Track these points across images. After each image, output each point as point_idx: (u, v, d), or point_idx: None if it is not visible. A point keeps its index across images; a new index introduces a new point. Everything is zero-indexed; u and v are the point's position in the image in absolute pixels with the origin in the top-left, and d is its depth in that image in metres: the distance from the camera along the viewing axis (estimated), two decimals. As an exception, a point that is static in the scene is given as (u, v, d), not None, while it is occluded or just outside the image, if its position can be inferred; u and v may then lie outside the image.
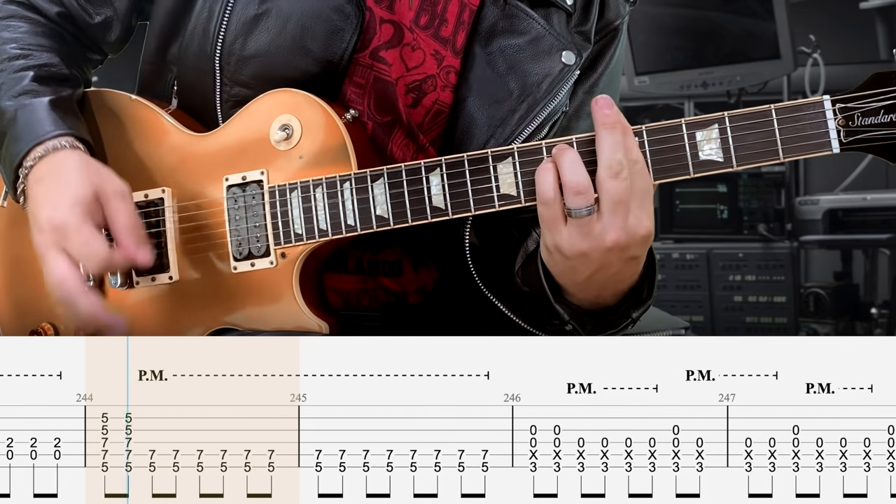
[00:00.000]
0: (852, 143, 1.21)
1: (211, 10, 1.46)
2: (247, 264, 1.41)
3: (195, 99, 1.50)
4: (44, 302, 1.52)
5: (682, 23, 4.21)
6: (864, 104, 1.20)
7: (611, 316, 1.36)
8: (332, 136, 1.39)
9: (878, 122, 1.20)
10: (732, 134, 1.24)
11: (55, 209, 1.35)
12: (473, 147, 1.44)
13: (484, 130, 1.45)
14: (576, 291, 1.33)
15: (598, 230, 1.23)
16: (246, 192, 1.42)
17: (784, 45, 3.94)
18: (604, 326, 1.37)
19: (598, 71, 1.57)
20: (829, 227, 3.88)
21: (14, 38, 1.52)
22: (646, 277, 1.34)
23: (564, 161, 1.23)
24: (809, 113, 1.22)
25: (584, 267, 1.27)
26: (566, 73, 1.48)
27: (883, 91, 1.20)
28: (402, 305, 1.55)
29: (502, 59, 1.48)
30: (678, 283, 4.18)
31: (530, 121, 1.45)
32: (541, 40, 1.48)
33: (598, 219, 1.23)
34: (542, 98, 1.46)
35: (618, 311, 1.36)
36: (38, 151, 1.41)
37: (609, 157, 1.21)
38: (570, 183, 1.22)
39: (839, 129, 1.21)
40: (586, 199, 1.22)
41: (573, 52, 1.48)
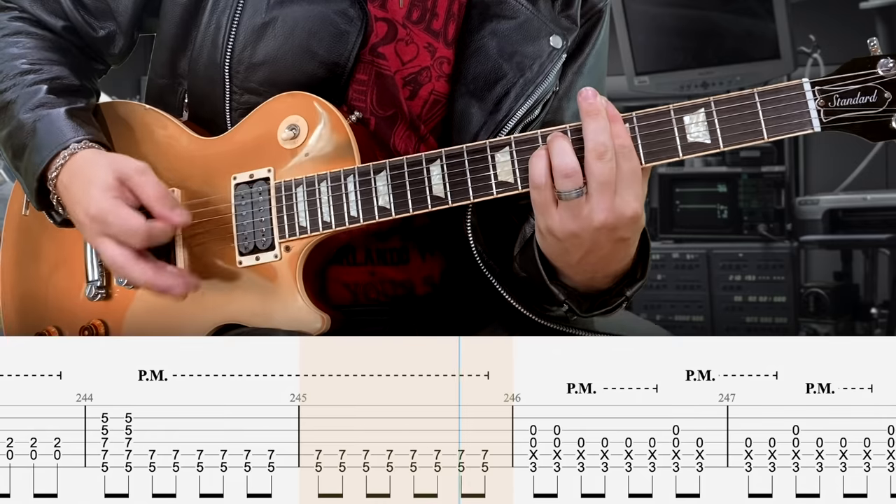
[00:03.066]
0: (832, 123, 1.26)
1: (219, 22, 1.50)
2: (252, 258, 1.44)
3: (205, 109, 1.54)
4: (49, 305, 1.57)
5: (682, 23, 4.21)
6: (841, 86, 1.26)
7: (605, 296, 1.41)
8: (337, 134, 1.42)
9: (856, 103, 1.25)
10: (718, 117, 1.28)
11: (89, 203, 1.40)
12: (470, 131, 1.49)
13: (480, 115, 1.50)
14: (571, 273, 1.37)
15: (587, 211, 1.27)
16: (253, 189, 1.45)
17: (784, 45, 3.94)
18: (600, 305, 1.41)
19: (585, 52, 1.62)
20: (829, 227, 3.88)
21: (23, 54, 1.55)
22: (639, 260, 1.39)
23: (555, 147, 1.28)
24: (790, 94, 1.26)
25: (576, 248, 1.31)
26: (555, 56, 1.53)
27: (859, 74, 1.26)
28: (410, 298, 1.57)
29: (494, 43, 1.52)
30: (678, 283, 4.18)
31: (525, 99, 1.50)
32: (529, 24, 1.53)
33: (586, 200, 1.27)
34: (534, 78, 1.51)
35: (612, 291, 1.40)
36: (59, 160, 1.46)
37: (593, 140, 1.26)
38: (559, 167, 1.27)
39: (819, 109, 1.26)
40: (574, 182, 1.27)
41: (560, 37, 1.54)
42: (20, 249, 1.62)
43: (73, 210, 1.45)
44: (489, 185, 1.35)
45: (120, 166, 1.43)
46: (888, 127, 1.25)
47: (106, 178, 1.41)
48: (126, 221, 1.39)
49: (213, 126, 1.53)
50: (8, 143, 1.52)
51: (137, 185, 1.41)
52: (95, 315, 1.53)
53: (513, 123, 1.48)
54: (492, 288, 1.48)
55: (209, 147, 1.50)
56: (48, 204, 1.50)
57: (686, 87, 4.16)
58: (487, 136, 1.46)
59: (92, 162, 1.44)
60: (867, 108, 1.25)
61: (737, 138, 1.29)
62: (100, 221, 1.40)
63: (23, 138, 1.48)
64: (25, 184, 1.51)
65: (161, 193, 1.42)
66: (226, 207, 1.46)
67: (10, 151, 1.52)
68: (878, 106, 1.25)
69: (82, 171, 1.44)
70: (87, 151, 1.46)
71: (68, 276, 1.56)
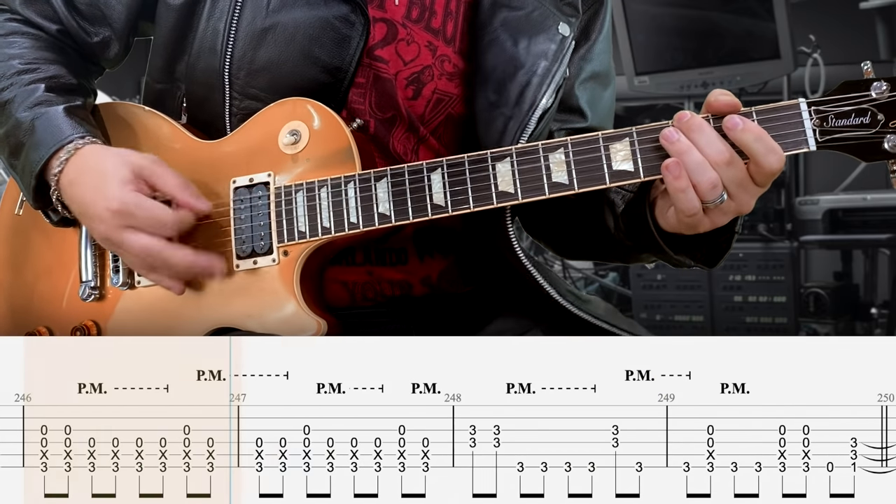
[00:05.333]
0: (827, 142, 1.29)
1: (216, 27, 1.50)
2: (249, 262, 1.44)
3: (204, 114, 1.53)
4: (41, 306, 1.56)
5: (682, 23, 4.20)
6: (836, 107, 1.29)
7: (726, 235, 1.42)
8: (338, 140, 1.43)
9: (850, 124, 1.29)
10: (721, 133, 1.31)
11: (107, 198, 1.39)
12: (497, 126, 1.49)
13: (505, 108, 1.50)
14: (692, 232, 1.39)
15: (735, 206, 1.31)
16: (252, 193, 1.45)
17: (784, 45, 3.93)
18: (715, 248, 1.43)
19: (592, 38, 1.64)
20: (829, 227, 3.87)
21: (19, 54, 1.55)
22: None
23: (691, 162, 1.29)
24: (787, 114, 1.30)
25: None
26: (566, 43, 1.53)
27: (853, 95, 1.29)
28: (407, 300, 1.57)
29: (507, 34, 1.52)
30: (678, 283, 4.17)
31: (547, 87, 1.50)
32: (537, 13, 1.53)
33: (731, 199, 1.31)
34: (551, 66, 1.51)
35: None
36: (61, 155, 1.45)
37: (713, 152, 1.28)
38: (700, 183, 1.29)
39: (815, 128, 1.29)
40: (717, 191, 1.29)
41: (567, 24, 1.54)
42: (12, 249, 1.61)
43: (85, 205, 1.43)
44: (489, 195, 1.36)
45: (132, 159, 1.42)
46: (881, 148, 1.28)
47: (121, 172, 1.40)
48: (153, 213, 1.39)
49: (211, 130, 1.53)
50: (5, 143, 1.51)
51: (155, 175, 1.41)
52: (87, 316, 1.52)
53: (539, 113, 1.48)
54: (497, 287, 1.51)
55: (209, 150, 1.50)
56: (46, 202, 1.49)
57: (686, 87, 4.15)
58: (516, 128, 1.47)
59: (101, 156, 1.43)
60: (861, 129, 1.28)
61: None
62: (124, 215, 1.39)
63: (20, 136, 1.48)
64: (22, 182, 1.50)
65: (182, 182, 1.42)
66: (224, 211, 1.46)
67: (6, 150, 1.51)
68: (872, 127, 1.28)
69: (92, 165, 1.43)
70: (92, 146, 1.45)
71: (61, 277, 1.55)
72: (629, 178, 1.33)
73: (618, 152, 1.33)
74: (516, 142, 1.45)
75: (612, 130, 1.35)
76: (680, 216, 1.32)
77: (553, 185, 1.35)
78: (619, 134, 1.34)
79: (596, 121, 1.64)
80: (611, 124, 1.69)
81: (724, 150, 1.28)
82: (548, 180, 1.35)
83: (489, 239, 1.52)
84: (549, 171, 1.35)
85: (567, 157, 1.35)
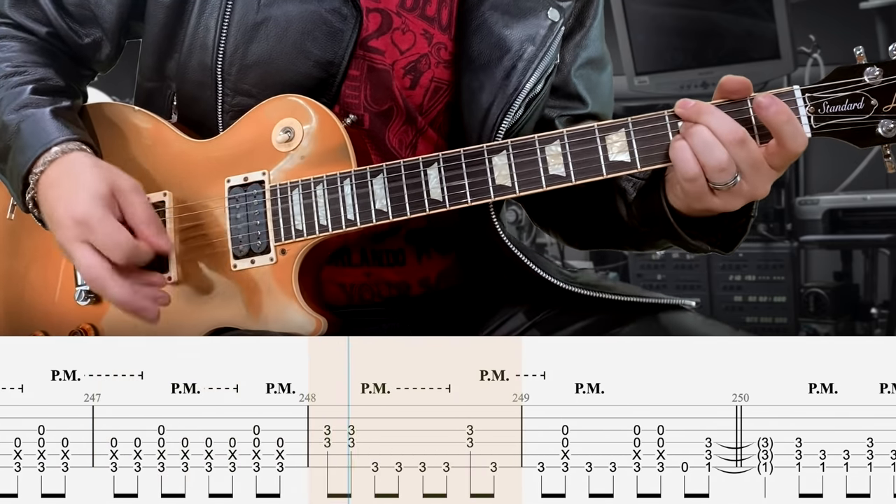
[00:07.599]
0: (822, 129, 1.30)
1: (207, 24, 1.49)
2: (246, 262, 1.44)
3: (195, 112, 1.53)
4: (37, 310, 1.55)
5: (682, 23, 4.20)
6: (830, 93, 1.30)
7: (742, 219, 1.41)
8: (332, 137, 1.43)
9: (844, 110, 1.30)
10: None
11: (76, 205, 1.37)
12: (482, 106, 1.48)
13: (490, 88, 1.49)
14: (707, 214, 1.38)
15: (748, 188, 1.30)
16: (247, 192, 1.45)
17: (784, 45, 3.93)
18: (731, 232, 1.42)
19: (587, 25, 1.63)
20: (829, 227, 3.86)
21: (7, 58, 1.54)
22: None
23: (697, 142, 1.28)
24: (783, 101, 1.29)
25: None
26: (555, 29, 1.52)
27: (847, 81, 1.30)
28: (404, 300, 1.57)
29: (495, 17, 1.52)
30: (678, 283, 4.17)
31: (533, 71, 1.49)
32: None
33: (744, 181, 1.29)
34: (538, 50, 1.50)
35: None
36: (47, 157, 1.43)
37: (726, 131, 1.27)
38: (709, 164, 1.28)
39: (809, 115, 1.30)
40: (729, 174, 1.28)
41: (556, 10, 1.53)
42: (6, 253, 1.60)
43: (54, 208, 1.41)
44: (486, 189, 1.37)
45: (115, 179, 1.40)
46: (874, 132, 1.29)
47: (98, 186, 1.38)
48: (112, 233, 1.36)
49: (202, 128, 1.52)
50: None
51: (130, 202, 1.39)
52: (84, 319, 1.52)
53: (523, 96, 1.47)
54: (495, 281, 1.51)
55: (201, 149, 1.50)
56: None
57: (686, 87, 4.15)
58: (499, 111, 1.46)
59: (86, 166, 1.41)
60: (855, 115, 1.29)
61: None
62: (84, 227, 1.36)
63: (7, 139, 1.47)
64: (11, 186, 1.49)
65: (151, 216, 1.40)
66: (219, 211, 1.46)
67: None
68: (865, 112, 1.29)
69: (73, 171, 1.41)
70: (81, 154, 1.44)
71: (57, 280, 1.55)
72: (626, 168, 1.34)
73: (614, 143, 1.34)
74: (499, 125, 1.45)
75: (607, 122, 1.35)
76: (686, 192, 1.31)
77: (550, 177, 1.36)
78: (615, 125, 1.34)
79: (597, 107, 1.64)
80: (611, 109, 1.69)
81: (736, 128, 1.27)
82: (545, 173, 1.36)
83: (479, 231, 1.51)
84: (546, 163, 1.36)
85: (563, 150, 1.35)
